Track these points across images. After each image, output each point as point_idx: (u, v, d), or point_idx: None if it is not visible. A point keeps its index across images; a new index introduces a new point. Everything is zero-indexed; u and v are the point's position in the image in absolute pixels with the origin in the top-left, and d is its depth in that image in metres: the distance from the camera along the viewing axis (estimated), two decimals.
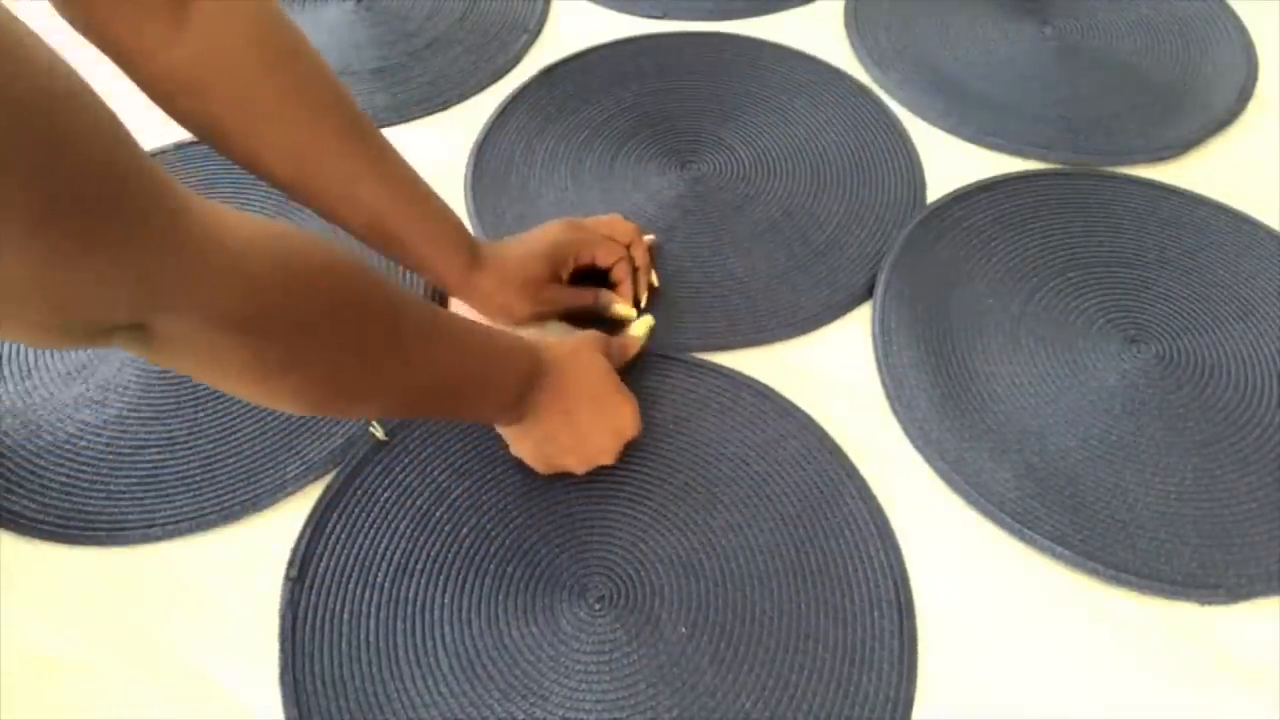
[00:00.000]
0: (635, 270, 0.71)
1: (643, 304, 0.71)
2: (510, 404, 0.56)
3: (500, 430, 0.61)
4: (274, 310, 0.39)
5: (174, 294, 0.35)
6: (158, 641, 0.57)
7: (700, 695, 0.54)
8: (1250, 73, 0.90)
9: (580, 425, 0.59)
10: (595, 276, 0.71)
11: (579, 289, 0.69)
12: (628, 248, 0.70)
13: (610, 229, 0.70)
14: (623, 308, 0.69)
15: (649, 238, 0.74)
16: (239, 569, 0.60)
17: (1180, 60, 0.91)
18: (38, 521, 0.62)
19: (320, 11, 0.96)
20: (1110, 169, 0.82)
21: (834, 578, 0.59)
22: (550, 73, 0.90)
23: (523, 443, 0.60)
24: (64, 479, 0.63)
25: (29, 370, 0.69)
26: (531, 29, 0.94)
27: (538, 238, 0.68)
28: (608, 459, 0.61)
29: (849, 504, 0.62)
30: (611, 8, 0.96)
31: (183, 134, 0.79)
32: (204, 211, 0.36)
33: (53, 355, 0.69)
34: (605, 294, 0.69)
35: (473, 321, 0.53)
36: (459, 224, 0.64)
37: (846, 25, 0.95)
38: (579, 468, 0.61)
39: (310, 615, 0.57)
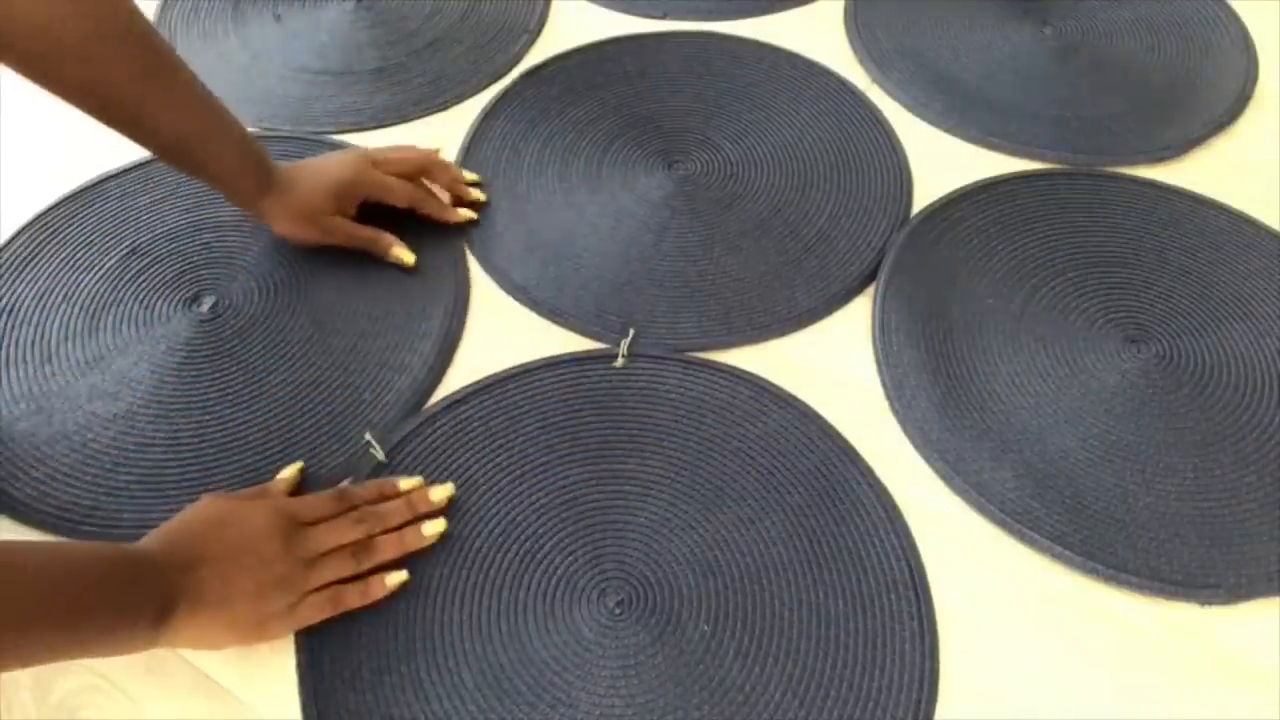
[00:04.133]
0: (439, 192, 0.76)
1: (462, 221, 0.76)
2: (135, 623, 0.48)
3: (171, 647, 0.53)
4: None
5: None
6: None
7: (730, 691, 0.54)
8: (1250, 73, 0.90)
9: (239, 566, 0.52)
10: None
11: (359, 227, 0.72)
12: (423, 175, 0.75)
13: (401, 164, 0.74)
14: (401, 251, 0.72)
15: (438, 152, 0.78)
16: None
17: (1180, 60, 0.91)
18: (36, 509, 0.62)
19: (320, 11, 0.96)
20: (1110, 169, 0.82)
21: (848, 564, 0.59)
22: (533, 75, 0.90)
23: (211, 635, 0.52)
24: (67, 469, 0.63)
25: (49, 355, 0.69)
26: (532, 29, 0.94)
27: (327, 171, 0.71)
28: (307, 565, 0.54)
29: (855, 490, 0.62)
30: (612, 8, 0.96)
31: (141, 154, 0.80)
32: None
33: (72, 343, 0.70)
34: (385, 238, 0.73)
35: (36, 555, 0.46)
36: (254, 151, 0.68)
37: (846, 25, 0.95)
38: (296, 604, 0.54)
39: (328, 643, 0.56)
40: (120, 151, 0.63)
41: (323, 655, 0.56)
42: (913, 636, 0.56)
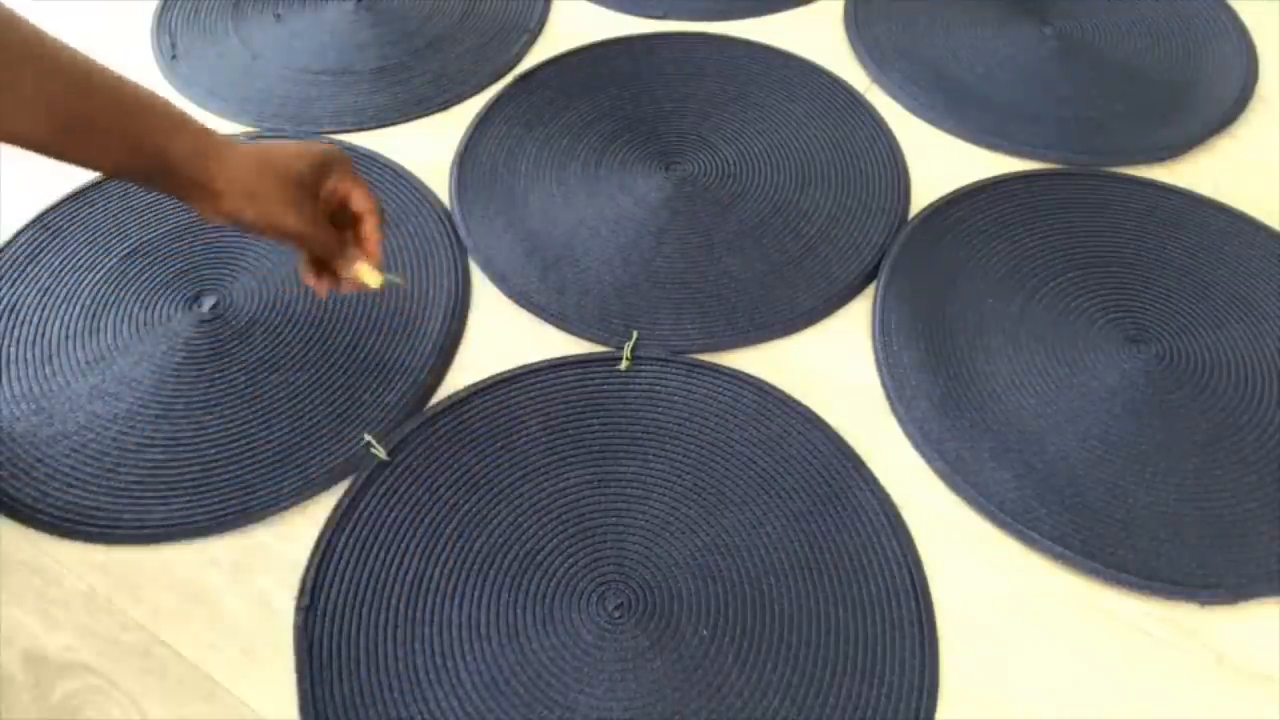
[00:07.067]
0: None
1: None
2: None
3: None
4: None
5: None
6: (156, 640, 0.57)
7: (727, 697, 0.54)
8: (1250, 73, 0.90)
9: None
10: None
11: (333, 229, 0.58)
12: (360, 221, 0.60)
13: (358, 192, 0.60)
14: (368, 273, 0.58)
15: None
16: (236, 571, 0.60)
17: (1180, 60, 0.91)
18: (36, 509, 0.62)
19: (320, 11, 0.96)
20: (1110, 169, 0.82)
21: (850, 570, 0.59)
22: (528, 78, 0.90)
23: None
24: (68, 470, 0.63)
25: (50, 355, 0.69)
26: (532, 29, 0.94)
27: (303, 145, 0.56)
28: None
29: (858, 496, 0.62)
30: (612, 8, 0.96)
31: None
32: None
33: (73, 343, 0.70)
34: (357, 255, 0.59)
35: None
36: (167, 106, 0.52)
37: (846, 25, 0.95)
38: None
39: (326, 642, 0.56)
40: None
41: (321, 655, 0.56)
42: (913, 646, 0.56)
